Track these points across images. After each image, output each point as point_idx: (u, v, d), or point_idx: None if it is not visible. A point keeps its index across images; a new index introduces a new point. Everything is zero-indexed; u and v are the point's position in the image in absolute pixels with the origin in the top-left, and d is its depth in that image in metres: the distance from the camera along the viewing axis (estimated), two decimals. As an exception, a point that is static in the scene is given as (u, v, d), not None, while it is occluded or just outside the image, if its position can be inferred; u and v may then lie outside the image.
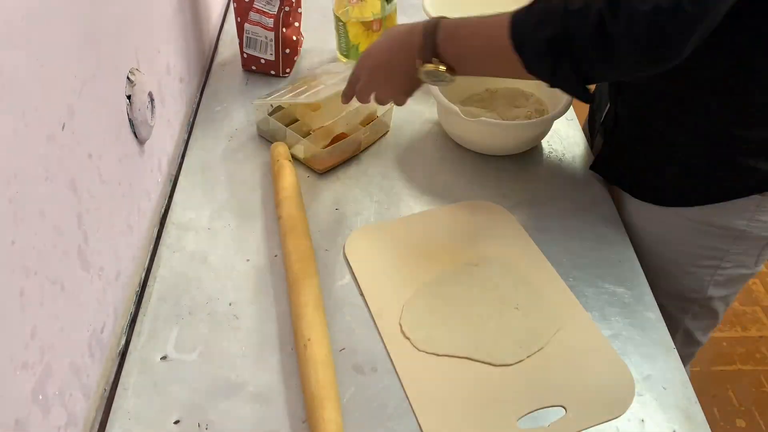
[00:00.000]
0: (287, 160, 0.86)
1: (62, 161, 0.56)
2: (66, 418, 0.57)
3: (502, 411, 0.63)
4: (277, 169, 0.85)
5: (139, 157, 0.76)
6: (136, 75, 0.73)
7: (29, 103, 0.50)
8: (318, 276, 0.73)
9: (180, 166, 0.90)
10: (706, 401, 1.50)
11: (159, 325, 0.70)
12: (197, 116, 0.99)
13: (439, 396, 0.64)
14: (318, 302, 0.69)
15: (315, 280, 0.72)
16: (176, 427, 0.62)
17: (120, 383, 0.65)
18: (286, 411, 0.63)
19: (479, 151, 0.93)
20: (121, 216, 0.71)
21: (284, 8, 0.99)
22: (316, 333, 0.65)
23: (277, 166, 0.85)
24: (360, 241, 0.79)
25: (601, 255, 0.79)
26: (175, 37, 0.92)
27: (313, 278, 0.71)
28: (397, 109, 1.00)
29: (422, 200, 0.86)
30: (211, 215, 0.83)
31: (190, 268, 0.76)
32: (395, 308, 0.72)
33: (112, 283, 0.68)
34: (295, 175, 0.85)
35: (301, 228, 0.77)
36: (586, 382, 0.66)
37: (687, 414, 0.64)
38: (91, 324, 0.63)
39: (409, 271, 0.76)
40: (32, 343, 0.51)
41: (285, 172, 0.84)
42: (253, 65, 1.06)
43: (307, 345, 0.64)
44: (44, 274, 0.53)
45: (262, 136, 0.95)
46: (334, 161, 0.90)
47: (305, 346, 0.64)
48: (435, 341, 0.68)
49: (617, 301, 0.74)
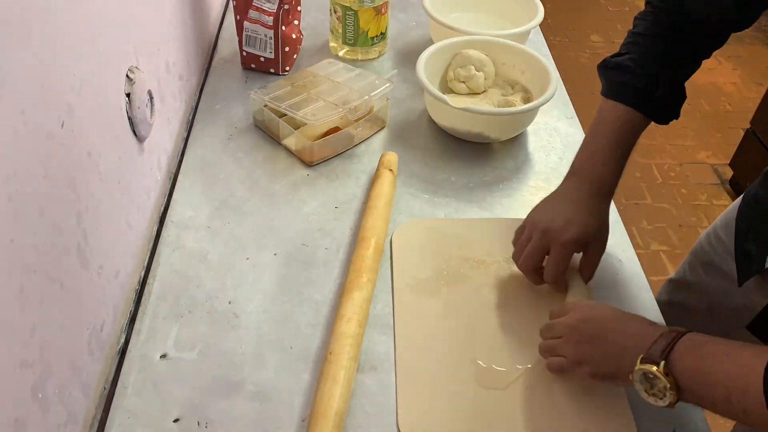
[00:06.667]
0: (388, 169, 0.85)
1: (61, 159, 0.56)
2: (65, 416, 0.57)
3: None
4: (375, 176, 0.85)
5: (138, 155, 0.76)
6: (135, 73, 0.73)
7: (28, 101, 0.50)
8: (368, 289, 0.71)
9: (179, 164, 0.90)
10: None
11: (158, 324, 0.70)
12: (197, 114, 0.99)
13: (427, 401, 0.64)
14: (361, 321, 0.68)
15: (361, 293, 0.70)
16: (176, 425, 0.62)
17: (120, 381, 0.65)
18: (286, 409, 0.63)
19: (467, 138, 0.95)
20: (120, 214, 0.71)
21: (283, 6, 0.99)
22: (340, 345, 0.65)
23: (377, 174, 0.85)
24: (408, 235, 0.80)
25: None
26: (175, 35, 0.92)
27: (359, 291, 0.70)
28: (393, 104, 1.01)
29: (421, 198, 0.86)
30: (210, 213, 0.83)
31: (189, 266, 0.76)
32: (414, 310, 0.72)
33: (111, 281, 0.68)
34: (392, 185, 0.84)
35: (370, 239, 0.76)
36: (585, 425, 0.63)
37: (687, 413, 0.64)
38: (90, 322, 0.63)
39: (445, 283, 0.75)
40: (32, 341, 0.51)
41: (380, 180, 0.84)
42: (252, 63, 1.06)
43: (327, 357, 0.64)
44: (44, 272, 0.53)
45: (258, 126, 0.95)
46: (326, 154, 0.90)
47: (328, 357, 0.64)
48: None
49: (617, 299, 0.74)
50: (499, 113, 0.92)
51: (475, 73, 0.99)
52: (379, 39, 1.10)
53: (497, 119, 0.92)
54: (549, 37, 1.23)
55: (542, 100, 0.90)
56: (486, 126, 0.92)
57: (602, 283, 0.76)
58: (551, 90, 0.91)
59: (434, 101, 0.92)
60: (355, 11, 1.05)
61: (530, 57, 0.99)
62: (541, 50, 1.18)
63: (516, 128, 0.95)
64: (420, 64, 0.95)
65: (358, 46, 1.09)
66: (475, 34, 1.03)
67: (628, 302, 0.75)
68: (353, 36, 1.08)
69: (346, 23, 1.06)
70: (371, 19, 1.06)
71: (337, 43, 1.11)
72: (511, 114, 0.90)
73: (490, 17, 1.17)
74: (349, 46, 1.10)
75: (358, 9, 1.04)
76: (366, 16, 1.06)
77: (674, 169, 2.33)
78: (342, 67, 1.00)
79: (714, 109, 2.62)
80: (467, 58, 0.99)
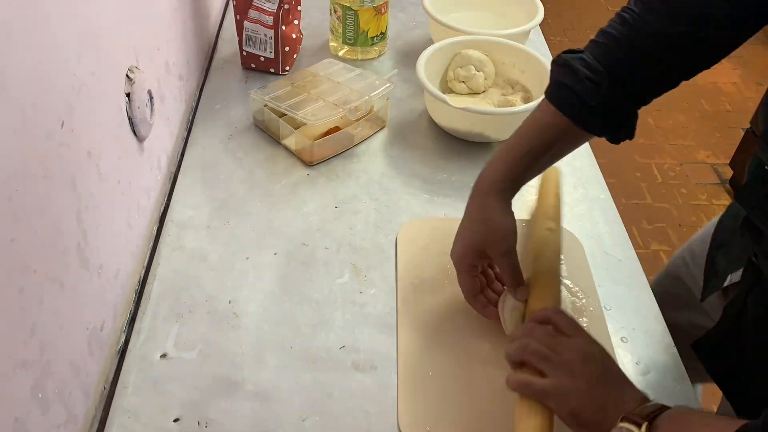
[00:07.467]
0: (553, 184, 0.79)
1: (61, 159, 0.56)
2: (65, 416, 0.57)
3: None
4: (543, 192, 0.78)
5: (138, 155, 0.76)
6: (135, 73, 0.73)
7: (28, 101, 0.50)
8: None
9: (179, 164, 0.90)
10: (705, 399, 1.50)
11: (158, 323, 0.70)
12: (197, 114, 0.99)
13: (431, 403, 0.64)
14: None
15: None
16: (176, 425, 0.62)
17: (119, 381, 0.65)
18: (286, 409, 0.63)
19: (467, 138, 0.95)
20: (120, 214, 0.71)
21: (284, 6, 0.99)
22: None
23: (544, 189, 0.78)
24: (413, 233, 0.80)
25: (601, 253, 0.79)
26: (175, 34, 0.92)
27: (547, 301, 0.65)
28: (393, 104, 1.01)
29: (421, 198, 0.86)
30: (210, 213, 0.83)
31: (189, 266, 0.76)
32: (420, 308, 0.72)
33: (111, 281, 0.68)
34: (556, 196, 0.78)
35: (547, 252, 0.70)
36: None
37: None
38: (90, 322, 0.63)
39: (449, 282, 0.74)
40: (32, 341, 0.51)
41: (547, 190, 0.78)
42: (252, 63, 1.06)
43: None
44: (44, 272, 0.53)
45: (258, 126, 0.95)
46: (325, 154, 0.90)
47: None
48: None
49: (617, 299, 0.74)
50: (499, 113, 0.92)
51: (475, 73, 0.99)
52: (379, 39, 1.10)
53: (497, 119, 0.92)
54: (549, 37, 1.23)
55: None
56: (486, 126, 0.92)
57: (603, 283, 0.76)
58: None
59: (434, 101, 0.92)
60: (355, 11, 1.05)
61: (530, 57, 0.99)
62: (541, 50, 1.18)
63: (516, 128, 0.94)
64: (420, 64, 0.95)
65: (358, 46, 1.09)
66: (475, 34, 1.03)
67: (628, 302, 0.75)
68: (353, 36, 1.08)
69: (346, 23, 1.07)
70: (371, 19, 1.06)
71: (337, 43, 1.11)
72: (511, 114, 0.90)
73: (490, 17, 1.18)
74: (349, 45, 1.10)
75: (358, 9, 1.04)
76: (366, 16, 1.06)
77: (674, 168, 2.33)
78: (342, 67, 1.00)
79: (714, 109, 2.62)
80: (467, 58, 0.99)
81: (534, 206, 0.76)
